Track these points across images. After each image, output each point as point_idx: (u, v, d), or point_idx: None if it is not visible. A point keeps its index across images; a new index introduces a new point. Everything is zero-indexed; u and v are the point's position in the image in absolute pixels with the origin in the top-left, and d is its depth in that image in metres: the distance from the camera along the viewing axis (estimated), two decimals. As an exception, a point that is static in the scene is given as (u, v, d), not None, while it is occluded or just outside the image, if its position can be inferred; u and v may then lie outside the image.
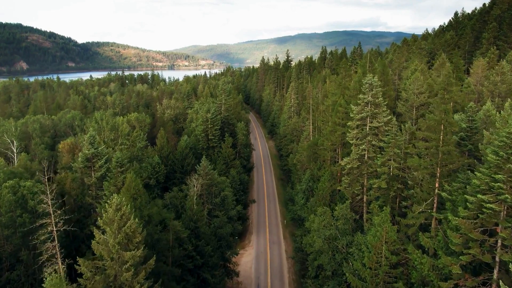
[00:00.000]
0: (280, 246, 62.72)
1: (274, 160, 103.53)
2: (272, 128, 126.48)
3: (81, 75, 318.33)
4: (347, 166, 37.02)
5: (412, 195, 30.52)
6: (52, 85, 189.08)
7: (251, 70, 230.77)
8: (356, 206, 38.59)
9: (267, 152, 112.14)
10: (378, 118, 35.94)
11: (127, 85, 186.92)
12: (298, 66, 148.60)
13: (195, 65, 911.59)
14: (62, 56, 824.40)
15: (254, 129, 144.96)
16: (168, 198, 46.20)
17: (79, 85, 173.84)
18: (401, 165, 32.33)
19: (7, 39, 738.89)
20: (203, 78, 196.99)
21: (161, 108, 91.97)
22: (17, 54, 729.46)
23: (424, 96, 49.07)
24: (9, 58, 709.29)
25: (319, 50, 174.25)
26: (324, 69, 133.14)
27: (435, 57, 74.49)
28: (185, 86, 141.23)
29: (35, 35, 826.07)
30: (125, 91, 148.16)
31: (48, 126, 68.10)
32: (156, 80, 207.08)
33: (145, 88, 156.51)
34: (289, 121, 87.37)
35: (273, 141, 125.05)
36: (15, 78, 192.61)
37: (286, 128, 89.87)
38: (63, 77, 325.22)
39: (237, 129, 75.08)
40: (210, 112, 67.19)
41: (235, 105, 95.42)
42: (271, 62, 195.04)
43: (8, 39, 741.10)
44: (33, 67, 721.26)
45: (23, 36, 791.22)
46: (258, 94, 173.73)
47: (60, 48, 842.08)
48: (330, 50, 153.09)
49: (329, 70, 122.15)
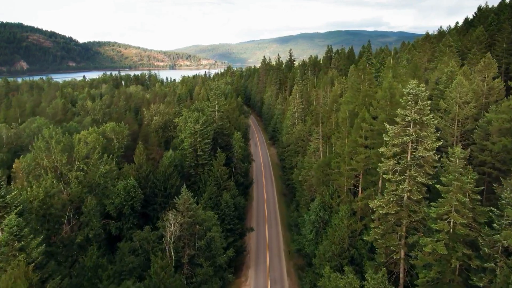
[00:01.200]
0: (283, 285, 51.60)
1: (276, 171, 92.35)
2: (274, 134, 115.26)
3: (81, 75, 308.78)
4: (380, 211, 25.87)
5: (489, 270, 19.54)
6: (42, 86, 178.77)
7: (252, 70, 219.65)
8: (391, 265, 27.36)
9: (268, 161, 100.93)
10: (426, 144, 24.77)
11: (122, 86, 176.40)
12: (302, 66, 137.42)
13: (196, 65, 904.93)
14: (63, 56, 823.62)
15: (255, 134, 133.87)
16: (137, 240, 35.28)
17: (67, 86, 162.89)
18: (469, 220, 21.10)
19: (8, 39, 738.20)
20: (201, 79, 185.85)
21: (149, 113, 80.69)
22: (17, 54, 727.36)
23: (470, 106, 37.89)
24: (9, 57, 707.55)
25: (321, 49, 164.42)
26: (330, 69, 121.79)
27: (465, 56, 63.00)
28: (180, 87, 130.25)
29: (36, 34, 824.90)
30: (115, 94, 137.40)
31: (10, 138, 57.03)
32: (153, 80, 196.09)
33: (138, 89, 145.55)
34: (293, 129, 76.09)
35: (275, 148, 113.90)
36: (1, 78, 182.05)
37: (290, 137, 78.63)
38: (63, 77, 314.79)
39: (234, 141, 63.80)
40: (199, 123, 55.96)
41: (232, 110, 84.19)
42: (273, 61, 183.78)
43: (9, 39, 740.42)
44: (34, 67, 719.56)
45: (23, 35, 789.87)
46: (259, 96, 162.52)
47: (61, 48, 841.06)
48: (336, 49, 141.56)
49: (336, 71, 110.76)
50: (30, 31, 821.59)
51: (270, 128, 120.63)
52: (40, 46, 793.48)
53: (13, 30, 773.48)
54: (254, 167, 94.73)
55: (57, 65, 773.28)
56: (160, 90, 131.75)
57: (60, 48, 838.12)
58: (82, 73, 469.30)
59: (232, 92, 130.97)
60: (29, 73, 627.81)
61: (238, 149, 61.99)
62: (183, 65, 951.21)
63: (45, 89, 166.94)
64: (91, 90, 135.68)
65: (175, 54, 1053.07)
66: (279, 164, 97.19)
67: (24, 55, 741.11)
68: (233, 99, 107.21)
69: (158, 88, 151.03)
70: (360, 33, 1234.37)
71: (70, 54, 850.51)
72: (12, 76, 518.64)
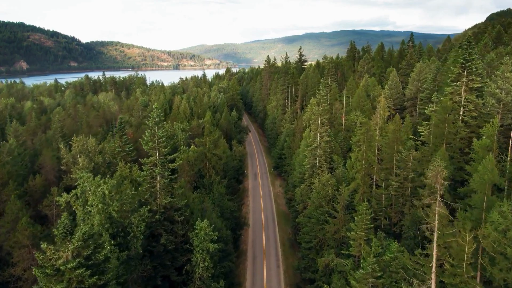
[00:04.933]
0: None
1: (284, 229, 61.38)
2: (279, 162, 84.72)
3: (83, 75, 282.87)
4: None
5: None
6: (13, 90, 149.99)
7: (254, 72, 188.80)
8: None
9: (272, 208, 69.60)
10: None
11: (89, 94, 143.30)
12: (316, 68, 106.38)
13: (200, 65, 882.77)
14: (64, 56, 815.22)
15: (255, 156, 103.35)
16: None
17: (34, 91, 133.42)
18: None
19: (8, 38, 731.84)
20: (192, 82, 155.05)
21: (69, 155, 49.39)
22: (17, 54, 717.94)
23: None
24: (9, 57, 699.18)
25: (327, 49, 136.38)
26: (355, 73, 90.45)
27: None
28: (155, 97, 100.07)
29: (37, 34, 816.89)
30: (79, 103, 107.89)
31: None
32: (136, 84, 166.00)
33: (108, 98, 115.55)
34: (315, 178, 45.48)
35: (280, 180, 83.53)
36: None
37: (307, 189, 48.00)
38: (63, 77, 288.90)
39: (196, 239, 31.21)
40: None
41: (213, 144, 53.07)
42: (279, 62, 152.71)
43: (9, 38, 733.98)
44: (34, 66, 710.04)
45: (24, 35, 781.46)
46: (262, 104, 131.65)
47: (63, 48, 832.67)
48: (362, 47, 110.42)
49: (367, 75, 79.80)
50: (31, 30, 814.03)
51: (275, 152, 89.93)
52: (41, 46, 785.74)
53: (14, 30, 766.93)
54: (251, 220, 64.07)
55: (58, 65, 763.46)
56: (132, 101, 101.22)
57: (61, 48, 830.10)
58: (84, 73, 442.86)
59: (225, 103, 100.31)
60: (29, 73, 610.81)
61: (203, 260, 30.33)
62: (187, 65, 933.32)
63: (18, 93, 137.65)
64: (46, 99, 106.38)
65: (179, 54, 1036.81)
66: (287, 212, 66.48)
67: (24, 55, 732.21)
68: (225, 117, 76.63)
69: (141, 95, 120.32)
70: (367, 32, 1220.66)
71: (71, 54, 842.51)
72: (11, 77, 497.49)
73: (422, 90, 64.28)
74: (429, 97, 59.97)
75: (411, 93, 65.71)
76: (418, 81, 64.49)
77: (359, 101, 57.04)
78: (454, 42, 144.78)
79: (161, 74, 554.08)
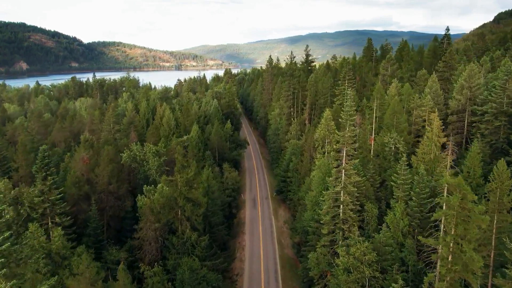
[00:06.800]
0: None
1: (290, 286, 45.80)
2: (283, 186, 68.99)
3: (84, 76, 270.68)
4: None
5: None
6: None
7: (256, 73, 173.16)
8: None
9: (274, 253, 53.44)
10: None
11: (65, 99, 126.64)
12: (326, 69, 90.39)
13: (203, 65, 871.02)
14: (65, 56, 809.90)
15: (254, 174, 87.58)
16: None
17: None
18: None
19: (9, 39, 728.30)
20: (187, 86, 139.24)
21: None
22: (17, 54, 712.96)
23: None
24: (9, 58, 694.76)
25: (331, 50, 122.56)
26: (377, 76, 74.53)
27: None
28: (138, 105, 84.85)
29: (38, 34, 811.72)
30: (50, 111, 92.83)
31: None
32: (127, 87, 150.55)
33: (87, 104, 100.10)
34: (339, 241, 29.73)
35: (284, 207, 67.92)
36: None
37: (327, 258, 32.30)
38: (63, 78, 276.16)
39: None
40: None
41: (185, 185, 37.52)
42: (282, 62, 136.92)
43: (10, 39, 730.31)
44: (34, 67, 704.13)
45: (25, 35, 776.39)
46: (264, 110, 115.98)
47: (64, 48, 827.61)
48: (381, 45, 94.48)
49: (390, 77, 63.91)
50: (32, 31, 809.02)
51: (278, 172, 74.17)
52: (41, 46, 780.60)
53: (15, 30, 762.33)
54: (247, 270, 48.41)
55: (58, 65, 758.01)
56: (112, 108, 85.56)
57: (62, 48, 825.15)
58: (85, 74, 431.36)
59: (219, 111, 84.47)
60: (29, 73, 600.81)
61: None
62: (189, 65, 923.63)
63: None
64: (12, 106, 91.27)
65: (181, 54, 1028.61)
66: (295, 259, 50.76)
67: (25, 55, 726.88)
68: (217, 131, 61.14)
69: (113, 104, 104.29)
70: (370, 33, 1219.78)
71: (73, 55, 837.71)
72: (11, 77, 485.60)
73: (473, 100, 48.42)
74: (485, 110, 44.10)
75: (459, 104, 49.70)
76: (469, 88, 48.47)
77: (394, 116, 41.34)
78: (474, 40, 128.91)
79: (162, 74, 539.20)
